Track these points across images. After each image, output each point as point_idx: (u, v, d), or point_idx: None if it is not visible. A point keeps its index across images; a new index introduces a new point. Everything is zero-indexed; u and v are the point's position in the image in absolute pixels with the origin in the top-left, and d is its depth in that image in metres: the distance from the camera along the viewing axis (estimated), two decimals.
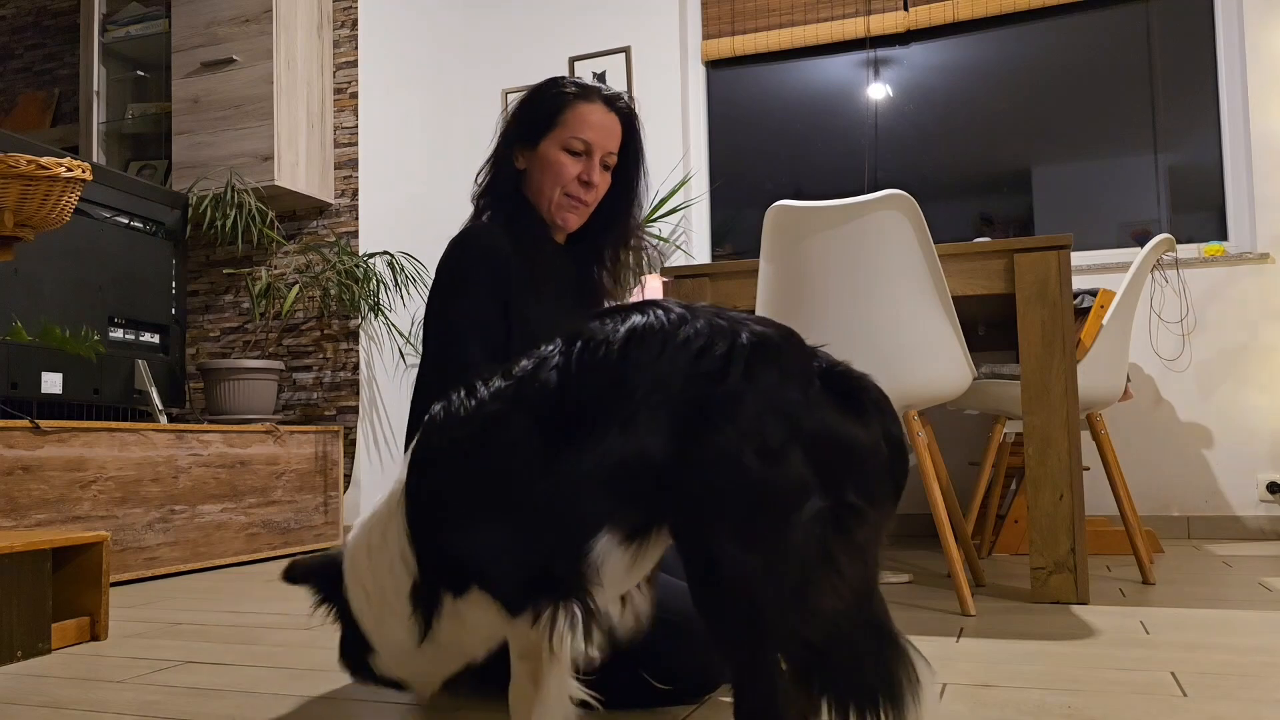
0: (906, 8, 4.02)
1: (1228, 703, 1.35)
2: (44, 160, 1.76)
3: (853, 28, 4.07)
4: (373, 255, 3.77)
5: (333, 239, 3.85)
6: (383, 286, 3.78)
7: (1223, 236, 3.63)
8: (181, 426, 3.07)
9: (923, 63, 4.06)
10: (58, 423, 2.66)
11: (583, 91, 1.58)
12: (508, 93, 4.39)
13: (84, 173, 1.82)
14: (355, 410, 3.77)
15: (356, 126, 3.89)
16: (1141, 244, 3.30)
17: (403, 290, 3.87)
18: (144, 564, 2.87)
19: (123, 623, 2.18)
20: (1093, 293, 2.73)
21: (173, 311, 3.48)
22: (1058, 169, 3.91)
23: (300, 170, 3.74)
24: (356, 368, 3.78)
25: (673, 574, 1.22)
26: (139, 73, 4.17)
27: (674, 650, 1.29)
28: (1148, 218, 3.75)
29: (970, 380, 2.25)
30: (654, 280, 3.17)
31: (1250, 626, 1.89)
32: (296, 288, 3.73)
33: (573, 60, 4.31)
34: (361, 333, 3.79)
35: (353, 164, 3.88)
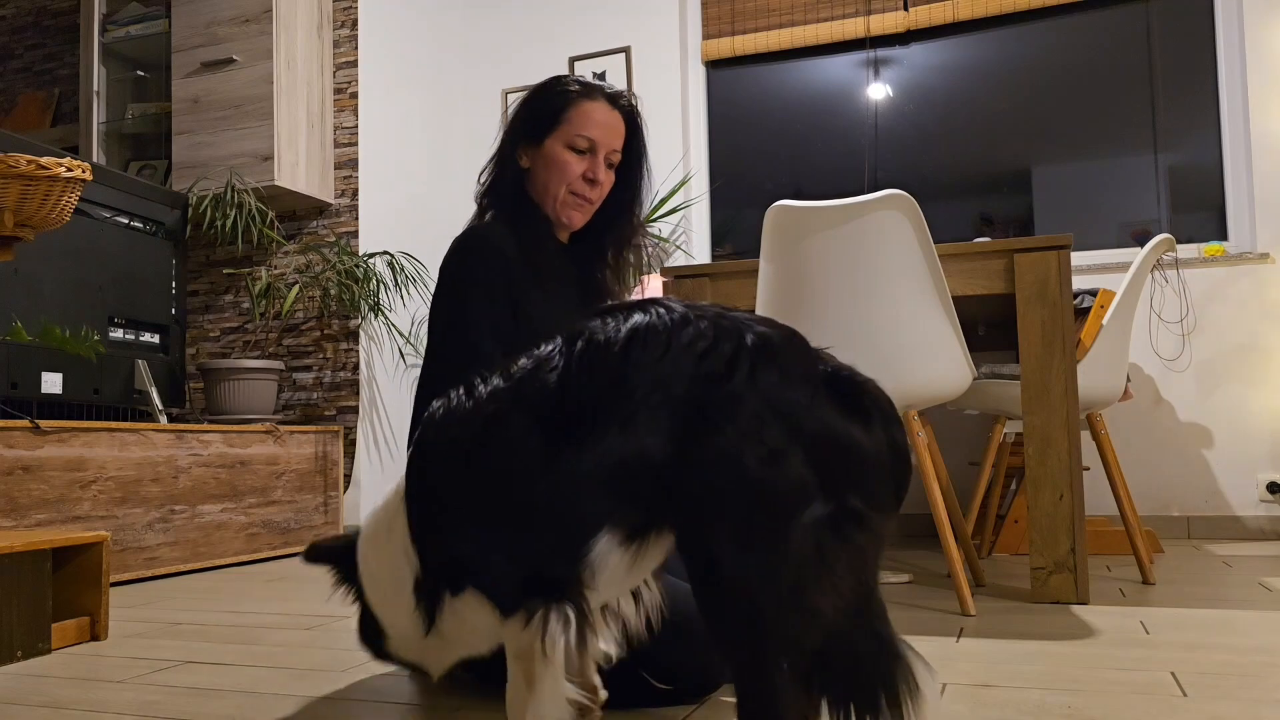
0: (906, 8, 4.02)
1: (1228, 703, 1.35)
2: (44, 160, 1.76)
3: (853, 28, 4.07)
4: (373, 255, 3.77)
5: (333, 239, 3.85)
6: (383, 286, 3.78)
7: (1223, 236, 3.63)
8: (181, 426, 3.07)
9: (923, 63, 4.06)
10: (58, 423, 2.66)
11: (586, 89, 1.58)
12: (508, 93, 4.39)
13: (84, 173, 1.82)
14: (355, 410, 3.77)
15: (356, 126, 3.89)
16: (1141, 244, 3.30)
17: (403, 290, 3.87)
18: (144, 564, 2.87)
19: (123, 623, 2.18)
20: (1093, 293, 2.73)
21: (173, 311, 3.48)
22: (1058, 169, 3.91)
23: (300, 170, 3.74)
24: (356, 368, 3.78)
25: (673, 574, 1.22)
26: (139, 73, 4.17)
27: (674, 650, 1.29)
28: (1148, 218, 3.75)
29: (970, 380, 2.25)
30: (654, 280, 3.16)
31: (1250, 626, 1.89)
32: (296, 288, 3.73)
33: (573, 60, 4.31)
34: (361, 333, 3.79)
35: (353, 164, 3.88)
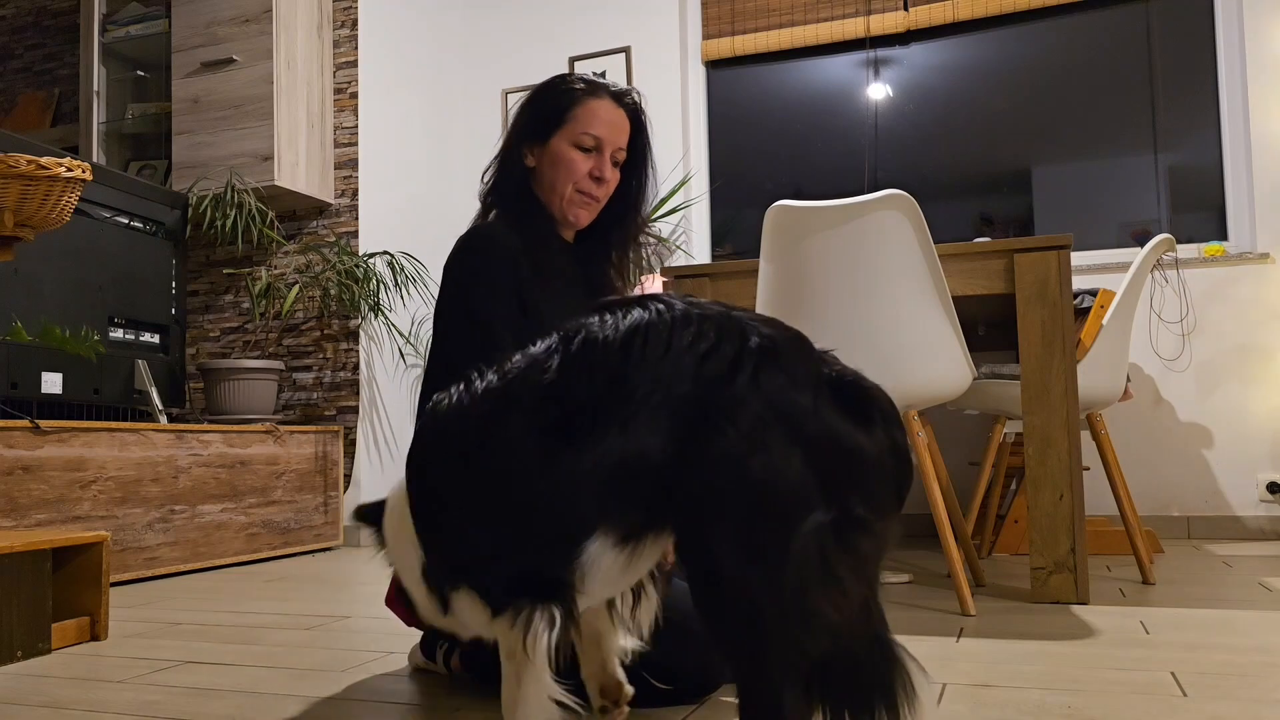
0: (906, 8, 4.02)
1: (1228, 703, 1.35)
2: (44, 160, 1.76)
3: (853, 28, 4.07)
4: (373, 255, 3.77)
5: (333, 239, 3.85)
6: (383, 286, 3.78)
7: (1223, 236, 3.62)
8: (181, 426, 3.07)
9: (923, 63, 4.06)
10: (58, 423, 2.66)
11: (592, 87, 1.58)
12: (508, 93, 4.39)
13: (84, 173, 1.82)
14: (355, 410, 3.77)
15: (356, 126, 3.89)
16: (1141, 244, 3.30)
17: (403, 290, 3.87)
18: (144, 564, 2.87)
19: (123, 623, 2.18)
20: (1093, 293, 2.73)
21: (173, 311, 3.48)
22: (1058, 169, 3.91)
23: (300, 170, 3.74)
24: (356, 368, 3.78)
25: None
26: (139, 73, 4.17)
27: (674, 650, 1.29)
28: (1148, 218, 3.75)
29: (970, 380, 2.25)
30: (655, 281, 3.16)
31: (1250, 626, 1.89)
32: (296, 288, 3.73)
33: (573, 60, 4.31)
34: (361, 333, 3.79)
35: (353, 164, 3.88)
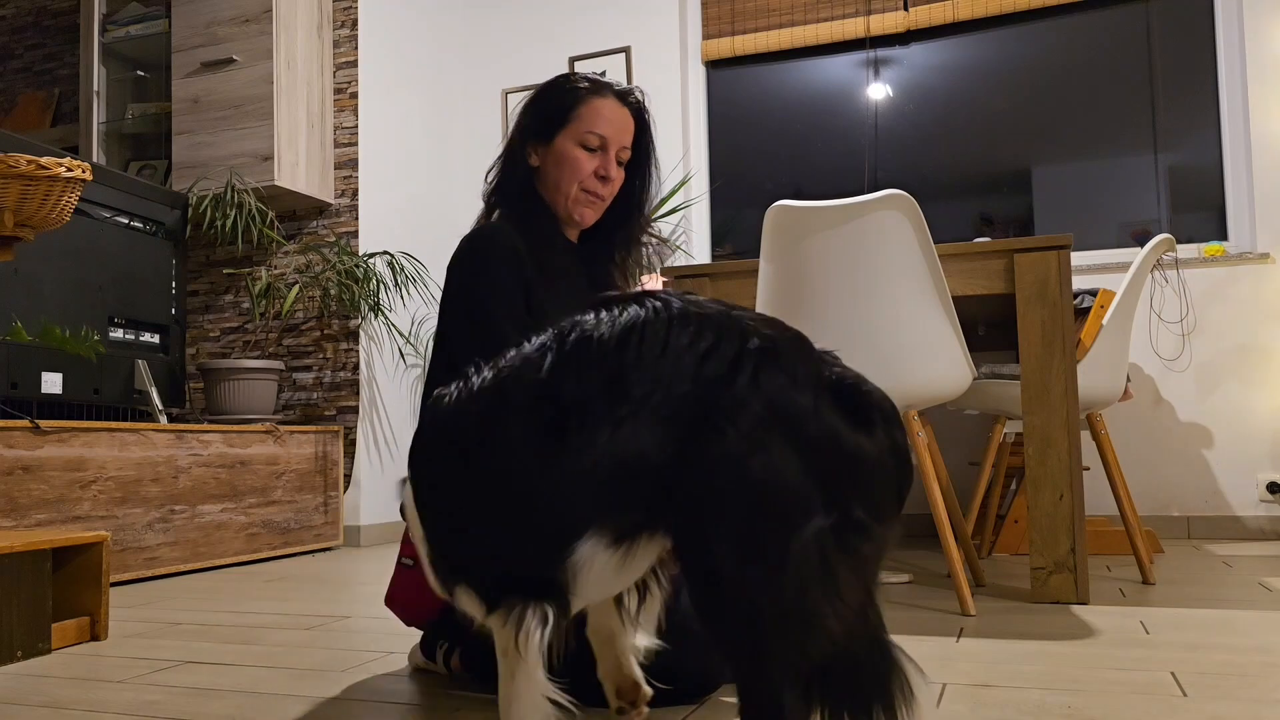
0: (906, 8, 4.02)
1: (1228, 703, 1.35)
2: (44, 160, 1.76)
3: (853, 28, 4.07)
4: (373, 255, 3.77)
5: (333, 239, 3.84)
6: (383, 286, 3.78)
7: (1223, 236, 3.62)
8: (181, 426, 3.07)
9: (923, 63, 4.06)
10: (58, 423, 2.66)
11: (596, 86, 1.58)
12: (508, 93, 4.39)
13: (84, 173, 1.82)
14: (355, 410, 3.77)
15: (356, 126, 3.89)
16: (1141, 244, 3.31)
17: (403, 290, 3.87)
18: (144, 564, 2.87)
19: (123, 623, 2.18)
20: (1093, 293, 2.73)
21: (173, 311, 3.48)
22: (1058, 169, 3.91)
23: (300, 170, 3.74)
24: (356, 368, 3.78)
25: None
26: (139, 73, 4.17)
27: (674, 650, 1.29)
28: (1148, 218, 3.75)
29: (970, 380, 2.25)
30: (655, 281, 3.16)
31: (1250, 626, 1.89)
32: (296, 288, 3.73)
33: (573, 60, 4.31)
34: (361, 333, 3.79)
35: (353, 164, 3.88)
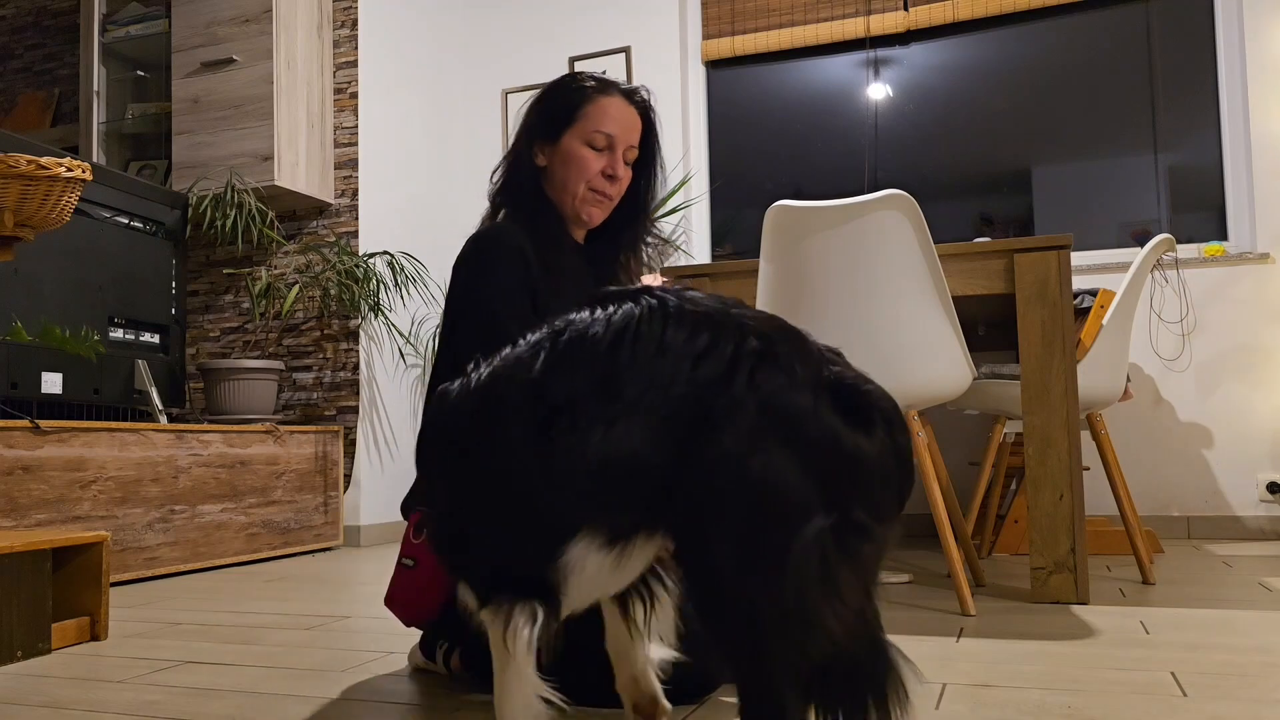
0: (906, 8, 4.02)
1: (1228, 703, 1.35)
2: (44, 160, 1.76)
3: (853, 28, 4.07)
4: (373, 255, 3.77)
5: (333, 239, 3.84)
6: (383, 286, 3.78)
7: (1223, 236, 3.62)
8: (181, 426, 3.07)
9: (923, 63, 4.06)
10: (58, 423, 2.66)
11: (602, 85, 1.57)
12: (508, 93, 4.39)
13: (84, 173, 1.82)
14: (355, 410, 3.77)
15: (356, 126, 3.89)
16: (1141, 244, 3.31)
17: (403, 290, 3.87)
18: (144, 564, 2.87)
19: (123, 623, 2.18)
20: (1093, 293, 2.73)
21: (173, 311, 3.48)
22: (1058, 169, 3.91)
23: (300, 170, 3.74)
24: (356, 368, 3.78)
25: None
26: (139, 73, 4.16)
27: (674, 650, 1.29)
28: (1148, 218, 3.75)
29: (970, 380, 2.25)
30: (655, 279, 3.16)
31: (1250, 626, 1.89)
32: (296, 288, 3.73)
33: (573, 60, 4.31)
34: (361, 333, 3.79)
35: (353, 164, 3.88)
